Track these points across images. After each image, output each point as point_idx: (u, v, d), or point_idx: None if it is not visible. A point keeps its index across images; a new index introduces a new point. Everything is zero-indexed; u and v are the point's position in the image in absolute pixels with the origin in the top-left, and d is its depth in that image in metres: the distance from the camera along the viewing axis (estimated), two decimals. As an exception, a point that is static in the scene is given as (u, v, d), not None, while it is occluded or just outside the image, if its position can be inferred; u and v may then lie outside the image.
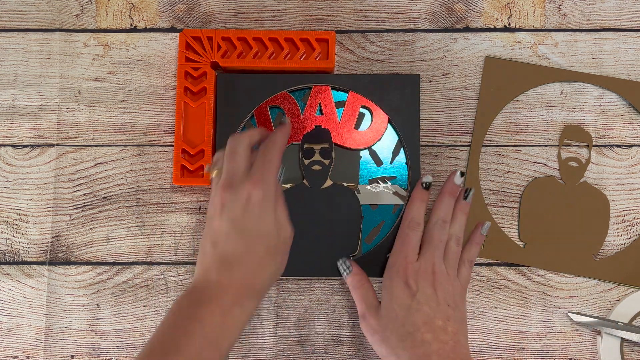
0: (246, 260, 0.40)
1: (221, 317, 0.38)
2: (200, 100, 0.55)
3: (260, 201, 0.41)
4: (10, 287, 0.55)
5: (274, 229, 0.42)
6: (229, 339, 0.38)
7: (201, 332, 0.37)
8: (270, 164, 0.43)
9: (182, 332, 0.36)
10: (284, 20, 0.58)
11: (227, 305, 0.38)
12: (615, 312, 0.53)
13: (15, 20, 0.59)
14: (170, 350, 0.36)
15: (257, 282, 0.41)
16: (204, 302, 0.38)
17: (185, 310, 0.38)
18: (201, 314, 0.37)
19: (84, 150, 0.57)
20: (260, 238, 0.41)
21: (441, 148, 0.56)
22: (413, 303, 0.44)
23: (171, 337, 0.36)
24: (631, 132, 0.56)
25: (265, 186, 0.41)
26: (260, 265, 0.41)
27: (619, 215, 0.55)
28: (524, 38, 0.57)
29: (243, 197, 0.41)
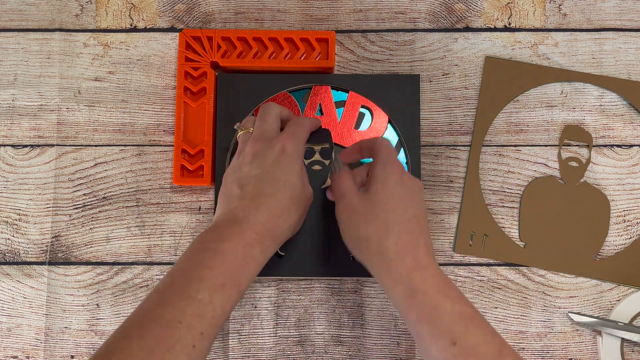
0: (272, 204, 0.41)
1: (242, 254, 0.38)
2: (200, 100, 0.55)
3: (292, 152, 0.43)
4: (10, 287, 0.55)
5: (300, 182, 0.43)
6: (247, 276, 0.39)
7: (223, 265, 0.37)
8: (302, 127, 0.46)
9: (205, 264, 0.37)
10: (284, 20, 0.58)
11: (249, 243, 0.39)
12: (616, 312, 0.53)
13: (15, 20, 0.58)
14: (194, 280, 0.36)
15: (278, 228, 0.41)
16: (227, 238, 0.39)
17: (208, 244, 0.39)
18: (224, 248, 0.38)
19: (83, 150, 0.57)
20: (288, 186, 0.42)
21: (441, 148, 0.56)
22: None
23: (194, 268, 0.37)
24: (631, 132, 0.56)
25: (297, 142, 0.44)
26: (284, 211, 0.42)
27: (619, 215, 0.55)
28: (524, 38, 0.57)
29: (277, 148, 0.43)
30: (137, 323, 0.35)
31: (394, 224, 0.40)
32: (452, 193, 0.56)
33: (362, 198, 0.42)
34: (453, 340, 0.36)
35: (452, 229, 0.55)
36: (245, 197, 0.41)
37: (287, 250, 0.53)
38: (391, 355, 0.53)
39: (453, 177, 0.56)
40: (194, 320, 0.35)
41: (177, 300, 0.35)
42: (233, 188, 0.43)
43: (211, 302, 0.36)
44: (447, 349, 0.36)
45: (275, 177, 0.42)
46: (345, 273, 0.53)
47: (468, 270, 0.55)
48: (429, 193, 0.56)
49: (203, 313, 0.35)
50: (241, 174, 0.43)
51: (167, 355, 0.33)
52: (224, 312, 0.37)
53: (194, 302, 0.35)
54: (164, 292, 0.36)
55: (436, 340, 0.37)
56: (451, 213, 0.55)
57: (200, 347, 0.35)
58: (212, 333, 0.36)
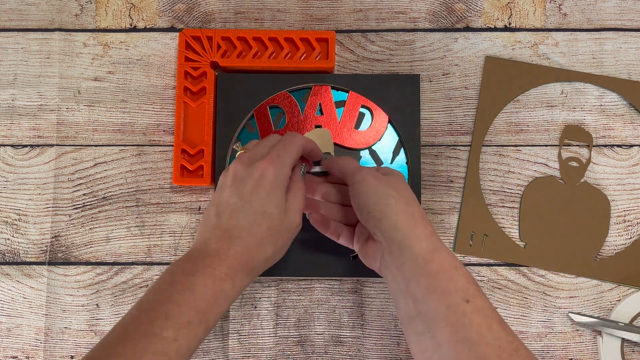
0: (246, 236, 0.40)
1: (212, 290, 0.38)
2: (200, 100, 0.55)
3: (271, 180, 0.41)
4: (9, 287, 0.55)
5: (280, 212, 0.42)
6: (216, 313, 0.38)
7: (192, 303, 0.36)
8: (288, 150, 0.43)
9: (173, 300, 0.36)
10: (284, 20, 0.58)
11: (220, 278, 0.38)
12: (616, 313, 0.53)
13: (15, 20, 0.58)
14: (159, 317, 0.35)
15: (253, 261, 0.40)
16: (198, 273, 0.38)
17: (178, 277, 0.38)
18: (193, 282, 0.37)
19: (83, 150, 0.57)
20: (265, 217, 0.41)
21: (441, 148, 0.56)
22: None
23: (161, 303, 0.36)
24: (632, 132, 0.56)
25: (279, 167, 0.42)
26: (260, 244, 0.41)
27: (619, 216, 0.55)
28: (525, 38, 0.57)
29: (256, 173, 0.41)
30: (99, 357, 0.34)
31: (414, 199, 0.43)
32: (452, 193, 0.56)
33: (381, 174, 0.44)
34: (466, 298, 0.37)
35: (452, 229, 0.55)
36: (219, 228, 0.40)
37: (287, 250, 0.53)
38: (391, 356, 0.53)
39: (453, 177, 0.56)
40: (158, 359, 0.34)
41: (140, 336, 0.34)
42: (211, 214, 0.42)
43: (176, 339, 0.35)
44: (459, 304, 0.37)
45: (252, 208, 0.40)
46: (345, 273, 0.53)
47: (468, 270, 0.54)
48: (429, 193, 0.56)
49: (167, 352, 0.34)
50: (220, 199, 0.42)
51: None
52: (189, 348, 0.36)
53: (157, 340, 0.34)
54: (128, 325, 0.36)
55: (449, 296, 0.38)
56: (451, 213, 0.55)
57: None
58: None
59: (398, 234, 0.41)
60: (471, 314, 0.37)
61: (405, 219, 0.41)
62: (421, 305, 0.38)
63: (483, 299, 0.38)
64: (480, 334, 0.36)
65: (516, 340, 0.36)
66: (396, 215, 0.41)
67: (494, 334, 0.36)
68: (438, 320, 0.37)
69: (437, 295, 0.38)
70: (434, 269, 0.39)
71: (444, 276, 0.38)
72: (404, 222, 0.41)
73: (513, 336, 0.37)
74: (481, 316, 0.37)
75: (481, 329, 0.36)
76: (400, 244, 0.40)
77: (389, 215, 0.41)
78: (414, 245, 0.40)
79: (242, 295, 0.54)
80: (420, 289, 0.39)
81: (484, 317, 0.37)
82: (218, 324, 0.54)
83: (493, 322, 0.37)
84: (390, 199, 0.42)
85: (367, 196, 0.42)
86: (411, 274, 0.39)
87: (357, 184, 0.44)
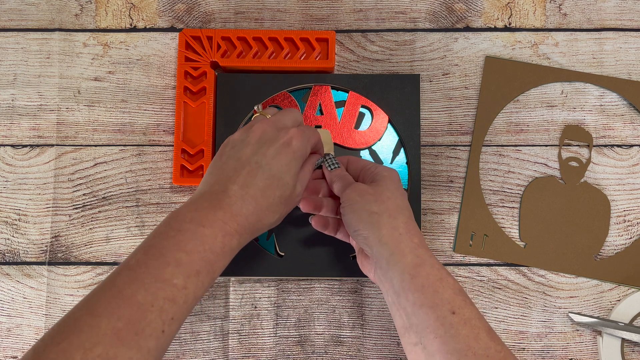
0: (260, 198, 0.41)
1: (222, 243, 0.38)
2: (200, 100, 0.55)
3: (295, 150, 0.42)
4: (9, 287, 0.55)
5: (293, 184, 0.43)
6: (222, 265, 0.39)
7: (202, 254, 0.37)
8: (312, 131, 0.45)
9: (183, 248, 0.36)
10: (283, 20, 0.58)
11: (229, 233, 0.39)
12: (616, 313, 0.53)
13: (15, 20, 0.58)
14: (170, 263, 0.35)
15: (260, 222, 0.41)
16: (209, 224, 0.38)
17: (187, 224, 0.38)
18: (203, 233, 0.37)
19: (83, 150, 0.56)
20: (280, 184, 0.41)
21: (441, 148, 0.56)
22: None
23: (171, 249, 0.36)
24: (632, 132, 0.56)
25: (305, 141, 0.43)
26: (269, 208, 0.41)
27: (619, 216, 0.55)
28: (525, 38, 0.57)
29: (283, 140, 0.42)
30: (107, 300, 0.33)
31: (403, 208, 0.44)
32: (452, 193, 0.56)
33: (371, 186, 0.45)
34: (452, 310, 0.38)
35: (452, 229, 0.55)
36: (236, 182, 0.40)
37: (287, 250, 0.53)
38: (391, 356, 0.53)
39: (453, 177, 0.56)
40: (167, 304, 0.34)
41: (150, 281, 0.34)
42: (228, 165, 0.42)
43: (185, 287, 0.35)
44: (446, 316, 0.38)
45: (271, 172, 0.41)
46: (345, 273, 0.53)
47: (468, 270, 0.54)
48: (429, 193, 0.56)
49: (176, 298, 0.35)
50: (241, 154, 0.42)
51: (136, 338, 0.32)
52: (196, 297, 0.36)
53: (168, 287, 0.34)
54: (137, 269, 0.35)
55: (436, 309, 0.38)
56: (451, 213, 0.55)
57: (169, 332, 0.34)
58: (182, 318, 0.36)
59: (383, 249, 0.42)
60: (458, 325, 0.37)
61: (389, 234, 0.42)
62: (412, 318, 0.39)
63: (470, 309, 0.39)
64: (468, 345, 0.37)
65: (504, 349, 0.37)
66: (380, 232, 0.42)
67: (482, 343, 0.37)
68: (428, 332, 0.38)
69: (425, 309, 0.38)
70: (419, 283, 0.39)
71: (430, 289, 0.39)
72: (388, 237, 0.42)
73: (501, 345, 0.37)
74: (468, 327, 0.37)
75: (469, 340, 0.37)
76: (388, 260, 0.41)
77: (373, 233, 0.42)
78: (399, 261, 0.41)
79: (242, 295, 0.54)
80: (409, 303, 0.39)
81: (471, 328, 0.37)
82: (218, 324, 0.54)
83: (480, 332, 0.37)
84: (373, 216, 0.42)
85: (351, 215, 0.44)
86: (400, 288, 0.40)
87: (343, 202, 0.45)
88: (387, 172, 0.46)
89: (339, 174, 0.47)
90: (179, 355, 0.53)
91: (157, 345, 0.33)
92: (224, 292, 0.54)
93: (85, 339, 0.31)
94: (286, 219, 0.53)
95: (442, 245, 0.55)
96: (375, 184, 0.45)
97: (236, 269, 0.53)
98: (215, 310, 0.54)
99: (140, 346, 0.32)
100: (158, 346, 0.33)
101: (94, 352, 0.31)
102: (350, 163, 0.49)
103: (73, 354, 0.30)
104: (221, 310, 0.54)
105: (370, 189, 0.44)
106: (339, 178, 0.47)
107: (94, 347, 0.31)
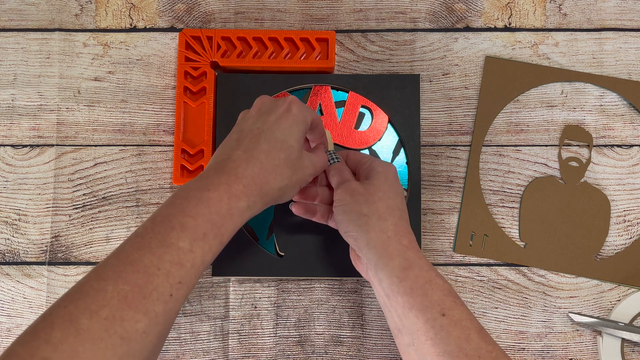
0: (264, 159, 0.40)
1: (228, 205, 0.38)
2: (200, 100, 0.55)
3: (295, 115, 0.42)
4: (9, 288, 0.55)
5: (299, 148, 0.42)
6: (230, 228, 0.38)
7: (207, 216, 0.37)
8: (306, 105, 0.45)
9: (188, 213, 0.36)
10: (283, 20, 0.58)
11: (235, 194, 0.38)
12: (616, 313, 0.53)
13: (15, 20, 0.58)
14: (176, 228, 0.35)
15: (268, 184, 0.40)
16: (213, 187, 0.38)
17: (192, 192, 0.38)
18: (209, 197, 0.37)
19: (83, 150, 0.56)
20: (284, 147, 0.41)
21: (441, 148, 0.56)
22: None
23: (176, 214, 0.36)
24: (632, 132, 0.56)
25: (303, 108, 0.43)
26: (276, 169, 0.41)
27: (619, 216, 0.55)
28: (525, 38, 0.57)
29: (282, 107, 0.43)
30: (114, 265, 0.33)
31: (394, 209, 0.43)
32: (452, 193, 0.56)
33: (363, 184, 0.45)
34: (442, 312, 0.38)
35: (452, 229, 0.55)
36: (239, 148, 0.41)
37: (287, 250, 0.53)
38: (391, 356, 0.53)
39: (453, 177, 0.56)
40: (173, 268, 0.34)
41: (157, 246, 0.34)
42: (232, 137, 0.42)
43: (192, 250, 0.35)
44: (436, 318, 0.38)
45: (273, 135, 0.41)
46: (345, 273, 0.53)
47: (468, 270, 0.54)
48: (429, 193, 0.56)
49: (182, 262, 0.35)
50: (244, 127, 0.43)
51: (143, 301, 0.32)
52: (204, 261, 0.36)
53: (174, 250, 0.34)
54: (144, 236, 0.35)
55: (426, 311, 0.38)
56: (451, 213, 0.55)
57: (177, 296, 0.34)
58: (190, 282, 0.35)
59: (372, 252, 0.42)
60: (448, 327, 0.37)
61: (377, 237, 0.42)
62: (403, 320, 0.39)
63: (460, 309, 0.39)
64: (459, 347, 0.37)
65: (496, 349, 0.37)
66: (368, 235, 0.42)
67: (473, 344, 0.37)
68: (419, 335, 0.38)
69: (415, 312, 0.39)
70: (408, 286, 0.39)
71: (419, 292, 0.39)
72: (376, 240, 0.42)
73: (493, 345, 0.37)
74: (459, 328, 0.37)
75: (460, 341, 0.37)
76: (376, 262, 0.41)
77: (362, 235, 0.42)
78: (387, 263, 0.41)
79: (242, 295, 0.54)
80: (399, 305, 0.40)
81: (461, 329, 0.37)
82: (218, 324, 0.54)
83: (471, 333, 0.37)
84: (362, 218, 0.43)
85: (342, 217, 0.44)
86: (389, 291, 0.40)
87: (335, 202, 0.45)
88: (382, 168, 0.46)
89: (337, 167, 0.47)
90: (179, 355, 0.53)
91: (165, 309, 0.33)
92: (224, 292, 0.54)
93: (91, 302, 0.31)
94: (286, 219, 0.53)
95: (442, 245, 0.55)
96: (368, 182, 0.45)
97: (236, 269, 0.53)
98: (215, 310, 0.54)
99: (148, 310, 0.32)
100: (166, 310, 0.33)
101: (100, 314, 0.31)
102: (348, 157, 0.49)
103: (79, 317, 0.30)
104: (221, 310, 0.54)
105: (362, 189, 0.44)
106: (336, 171, 0.47)
107: (100, 309, 0.31)
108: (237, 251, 0.52)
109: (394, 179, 0.46)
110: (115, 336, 0.31)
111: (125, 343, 0.31)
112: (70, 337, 0.30)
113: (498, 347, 0.38)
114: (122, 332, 0.31)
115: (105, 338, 0.30)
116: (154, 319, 0.33)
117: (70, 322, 0.30)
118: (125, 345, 0.31)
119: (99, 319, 0.31)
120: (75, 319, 0.30)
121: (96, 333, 0.30)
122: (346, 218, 0.44)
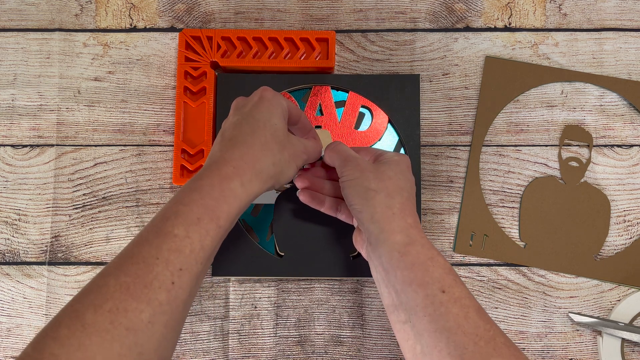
0: (250, 139, 0.41)
1: (219, 187, 0.38)
2: (200, 100, 0.55)
3: (270, 98, 0.43)
4: (9, 288, 0.55)
5: (283, 127, 0.43)
6: (227, 211, 0.38)
7: (199, 201, 0.37)
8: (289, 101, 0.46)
9: (181, 201, 0.37)
10: (284, 20, 0.58)
11: (226, 177, 0.39)
12: (616, 313, 0.53)
13: (15, 20, 0.58)
14: (170, 217, 0.36)
15: (259, 162, 0.41)
16: (204, 176, 0.39)
17: (186, 185, 0.39)
18: (201, 185, 0.38)
19: (83, 150, 0.57)
20: (268, 126, 0.42)
21: (441, 148, 0.56)
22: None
23: (170, 207, 0.37)
24: (632, 132, 0.56)
25: (278, 96, 0.44)
26: (264, 147, 0.41)
27: (619, 216, 0.55)
28: (525, 38, 0.57)
29: (255, 97, 0.44)
30: (116, 262, 0.34)
31: (403, 189, 0.43)
32: (452, 193, 0.56)
33: (373, 164, 0.45)
34: (442, 289, 0.38)
35: (452, 229, 0.55)
36: (224, 141, 0.41)
37: (287, 250, 0.53)
38: (391, 356, 0.53)
39: (453, 177, 0.56)
40: (172, 255, 0.35)
41: (153, 237, 0.35)
42: (217, 139, 0.43)
43: (188, 236, 0.36)
44: (436, 294, 0.38)
45: (254, 118, 0.42)
46: (345, 273, 0.53)
47: (468, 270, 0.54)
48: (429, 193, 0.56)
49: (180, 248, 0.35)
50: (226, 126, 0.43)
51: (145, 291, 0.33)
52: (204, 247, 0.36)
53: (170, 238, 0.35)
54: (143, 232, 0.36)
55: (426, 287, 0.38)
56: (451, 213, 0.55)
57: (180, 283, 0.35)
58: (192, 269, 0.36)
59: (374, 226, 0.42)
60: (448, 303, 0.37)
61: (382, 212, 0.42)
62: (401, 295, 0.39)
63: (460, 288, 0.39)
64: (457, 323, 0.37)
65: (494, 328, 0.37)
66: (373, 209, 0.42)
67: (471, 322, 0.37)
68: (417, 311, 0.38)
69: (414, 287, 0.39)
70: (409, 261, 0.39)
71: (420, 268, 0.39)
72: (380, 215, 0.42)
73: (491, 324, 0.37)
74: (458, 305, 0.37)
75: (458, 318, 0.37)
76: (377, 236, 0.41)
77: (367, 209, 0.42)
78: (388, 238, 0.41)
79: (242, 295, 0.54)
80: (398, 280, 0.40)
81: (460, 307, 0.37)
82: (218, 324, 0.54)
83: (470, 311, 0.37)
84: (369, 192, 0.43)
85: (349, 190, 0.44)
86: (389, 266, 0.40)
87: (342, 176, 0.45)
88: (398, 157, 0.46)
89: (337, 149, 0.47)
90: (179, 355, 0.53)
91: (169, 297, 0.34)
92: (224, 292, 0.54)
93: (95, 297, 0.32)
94: (286, 219, 0.53)
95: (442, 245, 0.55)
96: (380, 164, 0.45)
97: (236, 269, 0.53)
98: (215, 310, 0.54)
99: (150, 299, 0.33)
100: (170, 299, 0.34)
101: (104, 308, 0.31)
102: (360, 151, 0.49)
103: (84, 312, 0.31)
104: (221, 310, 0.54)
105: (372, 167, 0.45)
106: (337, 152, 0.47)
107: (103, 303, 0.32)
108: (237, 251, 0.53)
109: (407, 168, 0.46)
110: (120, 327, 0.31)
111: (132, 334, 0.31)
112: (76, 332, 0.30)
113: (496, 326, 0.37)
114: (127, 323, 0.31)
115: (111, 330, 0.31)
116: (158, 307, 0.33)
117: (77, 318, 0.31)
118: (131, 335, 0.31)
119: (103, 312, 0.31)
120: (80, 315, 0.31)
121: (101, 326, 0.31)
122: (353, 192, 0.44)
